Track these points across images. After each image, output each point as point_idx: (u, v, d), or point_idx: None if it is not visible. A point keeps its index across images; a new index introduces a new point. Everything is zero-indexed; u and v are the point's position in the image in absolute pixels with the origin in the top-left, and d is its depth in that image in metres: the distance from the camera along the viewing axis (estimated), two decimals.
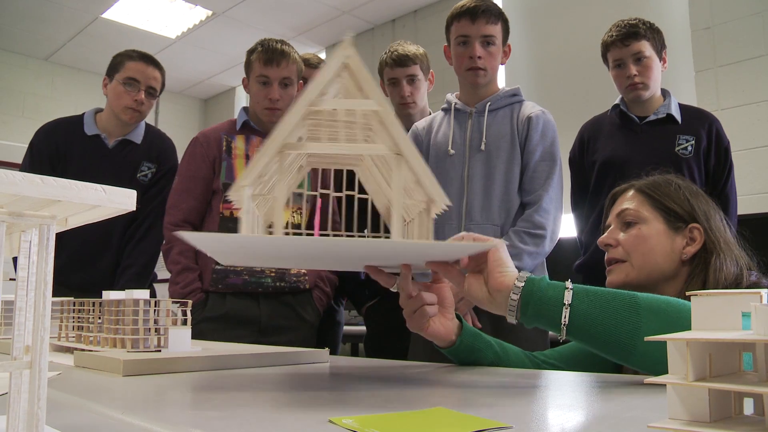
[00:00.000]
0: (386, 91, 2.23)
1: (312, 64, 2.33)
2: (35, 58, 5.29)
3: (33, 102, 5.28)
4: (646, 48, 1.92)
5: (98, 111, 2.32)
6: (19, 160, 2.28)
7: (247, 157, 1.97)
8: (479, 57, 1.72)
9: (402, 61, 2.13)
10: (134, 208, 0.41)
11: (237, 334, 1.76)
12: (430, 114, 2.05)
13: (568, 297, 0.82)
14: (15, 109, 5.17)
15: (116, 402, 0.68)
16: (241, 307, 1.87)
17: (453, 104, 1.82)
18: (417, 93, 2.16)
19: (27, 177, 0.35)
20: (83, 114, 2.30)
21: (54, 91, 5.42)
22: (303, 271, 1.93)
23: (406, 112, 2.16)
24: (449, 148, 1.76)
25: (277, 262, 1.26)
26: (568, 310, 0.82)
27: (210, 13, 4.51)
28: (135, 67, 2.19)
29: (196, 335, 1.15)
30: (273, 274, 1.89)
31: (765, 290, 0.40)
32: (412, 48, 2.16)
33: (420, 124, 1.90)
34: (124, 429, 0.56)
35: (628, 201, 1.19)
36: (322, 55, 4.81)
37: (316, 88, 0.80)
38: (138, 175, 2.24)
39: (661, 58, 1.98)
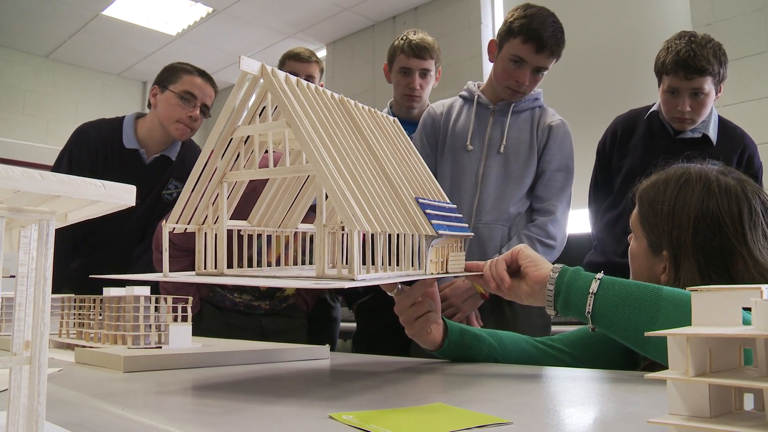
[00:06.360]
0: (389, 78, 2.15)
1: (303, 58, 2.24)
2: (36, 55, 5.28)
3: (33, 99, 5.27)
4: (707, 84, 1.74)
5: (139, 116, 2.22)
6: (20, 157, 2.25)
7: None
8: (526, 83, 1.70)
9: (420, 53, 2.05)
10: (133, 203, 0.41)
11: (239, 335, 1.75)
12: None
13: (594, 286, 0.86)
14: (15, 106, 5.17)
15: (117, 398, 0.68)
16: (240, 316, 1.86)
17: (476, 96, 1.79)
18: (426, 87, 2.10)
19: (26, 172, 0.35)
20: (122, 120, 2.20)
21: (54, 88, 5.41)
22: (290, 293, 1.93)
23: (408, 104, 2.10)
24: (468, 143, 1.74)
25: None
26: (593, 298, 0.85)
27: (210, 10, 4.50)
28: (193, 81, 2.13)
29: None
30: (267, 307, 1.88)
31: (765, 285, 0.39)
32: (429, 39, 2.09)
33: (438, 109, 1.85)
34: (125, 425, 0.56)
35: (636, 207, 1.12)
36: (323, 52, 4.81)
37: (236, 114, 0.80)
38: (163, 193, 2.18)
39: (718, 90, 1.80)
